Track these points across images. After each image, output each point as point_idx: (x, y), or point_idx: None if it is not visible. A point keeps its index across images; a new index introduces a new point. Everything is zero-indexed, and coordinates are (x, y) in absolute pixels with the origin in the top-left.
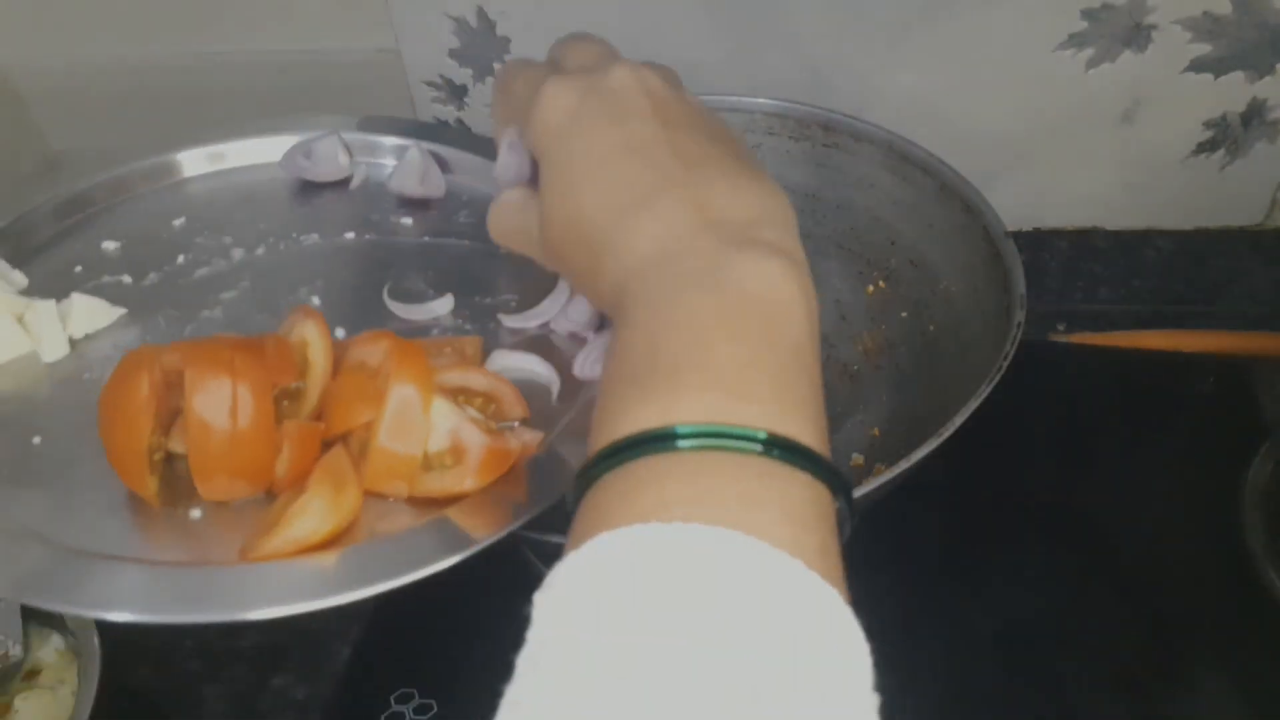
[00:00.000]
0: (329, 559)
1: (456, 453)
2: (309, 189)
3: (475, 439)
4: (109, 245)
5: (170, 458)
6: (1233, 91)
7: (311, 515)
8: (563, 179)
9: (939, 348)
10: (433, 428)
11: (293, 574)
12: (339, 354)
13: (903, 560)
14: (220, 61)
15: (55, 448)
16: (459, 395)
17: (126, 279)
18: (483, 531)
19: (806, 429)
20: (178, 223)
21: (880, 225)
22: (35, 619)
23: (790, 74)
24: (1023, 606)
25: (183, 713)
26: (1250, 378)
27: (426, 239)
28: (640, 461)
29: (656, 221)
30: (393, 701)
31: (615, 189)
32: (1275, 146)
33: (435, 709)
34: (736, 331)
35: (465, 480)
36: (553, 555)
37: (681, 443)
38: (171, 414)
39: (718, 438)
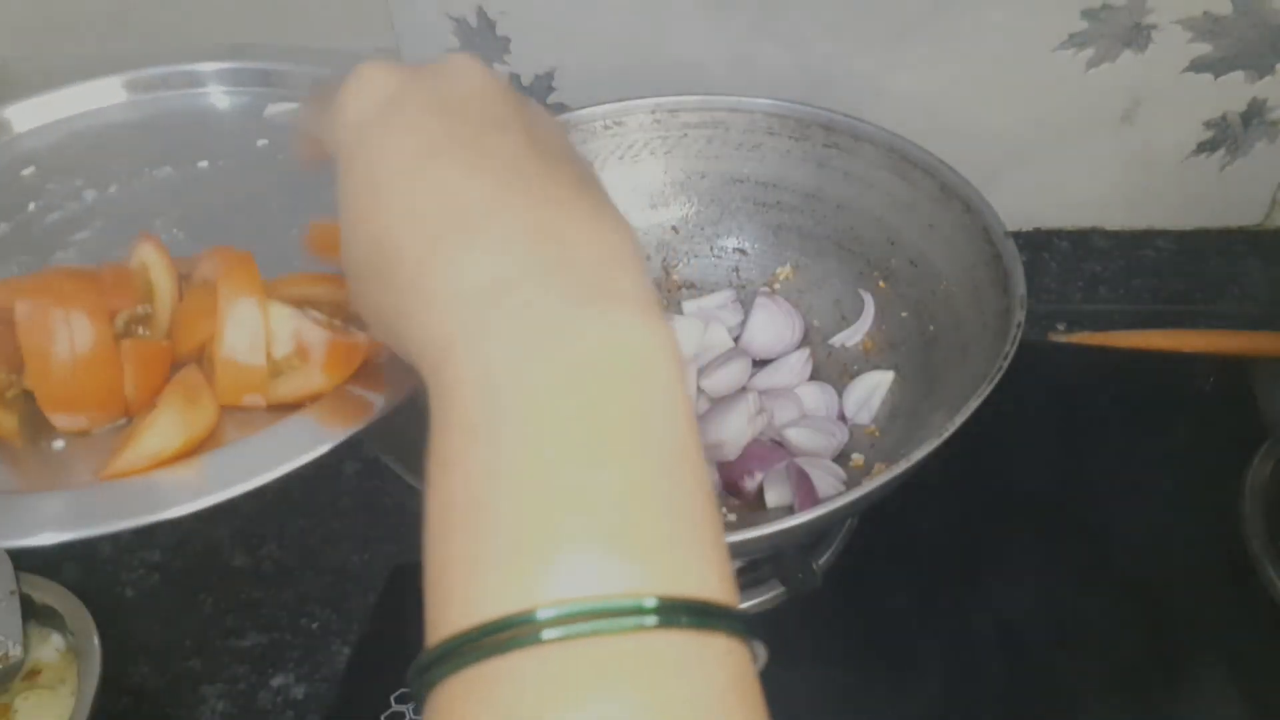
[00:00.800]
0: (186, 468)
1: (302, 352)
2: (160, 124)
3: (317, 335)
4: None
5: (28, 394)
6: (1233, 91)
7: (162, 428)
8: (364, 188)
9: (939, 348)
10: (274, 333)
11: (148, 486)
12: (188, 273)
13: (903, 560)
14: None
15: None
16: (302, 304)
17: None
18: (340, 426)
19: (710, 570)
20: (27, 172)
21: (880, 225)
22: (35, 619)
23: (790, 74)
24: (1023, 606)
25: (183, 713)
26: (1250, 378)
27: (281, 157)
28: (496, 663)
29: (485, 255)
30: (393, 701)
31: (431, 203)
32: (1275, 146)
33: None
34: (610, 441)
35: (314, 378)
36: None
37: (546, 633)
38: (19, 351)
39: (596, 619)
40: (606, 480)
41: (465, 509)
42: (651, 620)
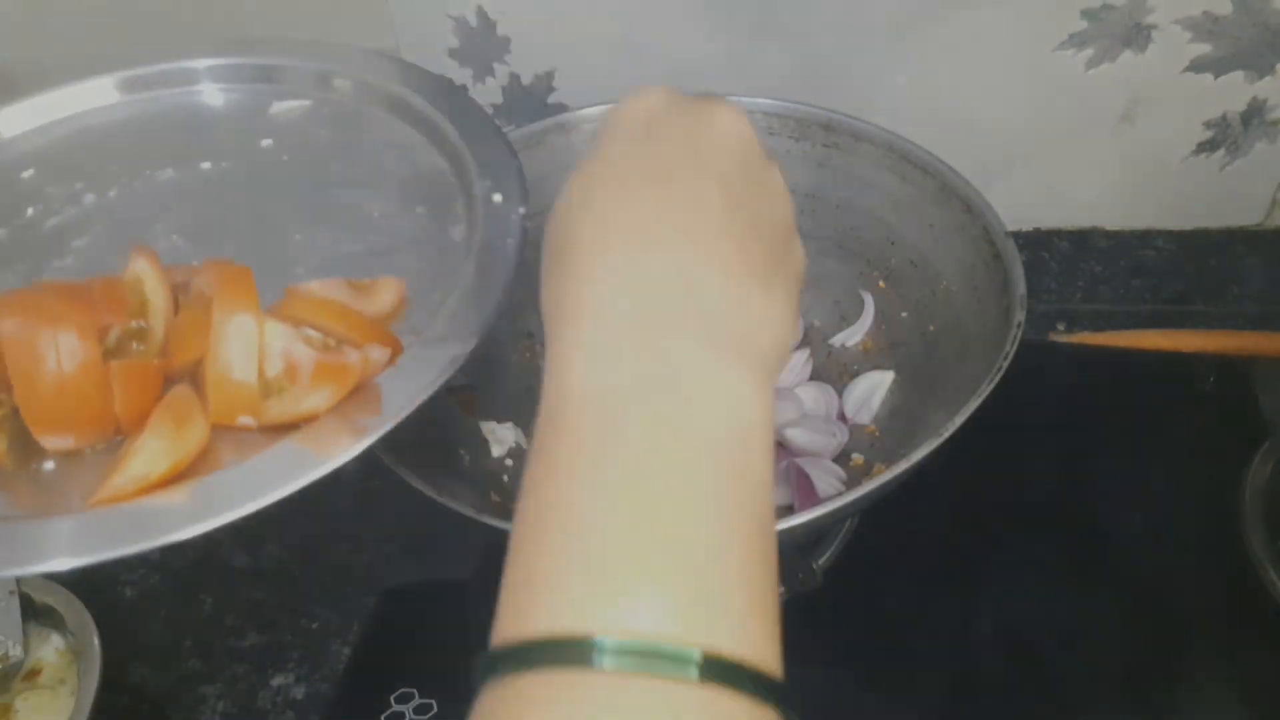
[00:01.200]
0: (172, 496)
1: (291, 373)
2: (160, 123)
3: (305, 354)
4: None
5: (17, 414)
6: (1233, 91)
7: (149, 453)
8: (587, 178)
9: (939, 348)
10: (267, 351)
11: (137, 513)
12: (185, 282)
13: (903, 560)
14: None
15: None
16: (302, 324)
17: None
18: (330, 452)
19: (758, 636)
20: (26, 175)
21: (880, 225)
22: (35, 619)
23: (790, 74)
24: (1023, 606)
25: (183, 713)
26: (1250, 378)
27: (286, 158)
28: (550, 674)
29: (645, 271)
30: (393, 701)
31: (626, 211)
32: (1275, 146)
33: (435, 709)
34: (706, 493)
35: (304, 400)
36: None
37: (601, 661)
38: (5, 371)
39: (649, 658)
40: (694, 531)
41: (562, 516)
42: (693, 672)
